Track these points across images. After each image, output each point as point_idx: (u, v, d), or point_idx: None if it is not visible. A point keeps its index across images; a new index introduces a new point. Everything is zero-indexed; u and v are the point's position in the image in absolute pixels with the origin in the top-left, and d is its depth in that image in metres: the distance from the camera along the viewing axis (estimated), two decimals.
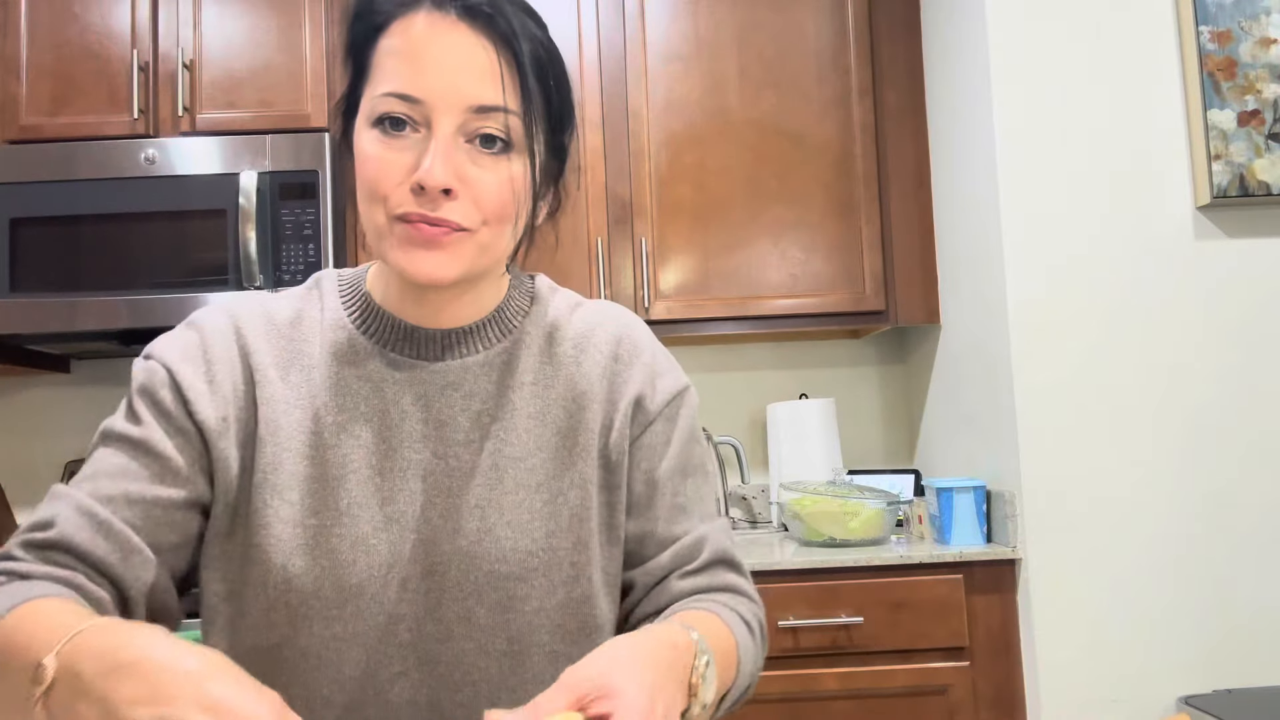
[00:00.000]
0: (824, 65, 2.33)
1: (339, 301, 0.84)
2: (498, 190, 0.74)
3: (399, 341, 0.82)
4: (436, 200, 0.72)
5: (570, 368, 0.86)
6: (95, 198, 2.14)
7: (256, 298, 0.85)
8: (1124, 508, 1.87)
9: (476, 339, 0.84)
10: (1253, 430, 1.89)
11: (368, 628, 0.77)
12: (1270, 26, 1.91)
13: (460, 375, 0.82)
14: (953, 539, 1.96)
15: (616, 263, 2.29)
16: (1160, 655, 1.85)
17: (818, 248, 2.30)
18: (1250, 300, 1.91)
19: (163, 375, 0.78)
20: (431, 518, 0.79)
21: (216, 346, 0.80)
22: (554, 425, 0.84)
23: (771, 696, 1.88)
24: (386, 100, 0.73)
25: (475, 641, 0.79)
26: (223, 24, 2.27)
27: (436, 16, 0.73)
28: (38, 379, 2.54)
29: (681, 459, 0.88)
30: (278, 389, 0.80)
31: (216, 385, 0.79)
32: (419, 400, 0.81)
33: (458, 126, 0.73)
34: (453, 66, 0.72)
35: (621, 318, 0.90)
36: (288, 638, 0.76)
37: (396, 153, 0.73)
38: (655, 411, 0.87)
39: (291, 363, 0.81)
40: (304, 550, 0.76)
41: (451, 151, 0.72)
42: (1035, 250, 1.92)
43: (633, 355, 0.88)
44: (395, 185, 0.73)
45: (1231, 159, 1.88)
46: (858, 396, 2.61)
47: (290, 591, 0.76)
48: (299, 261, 2.14)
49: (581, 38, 2.33)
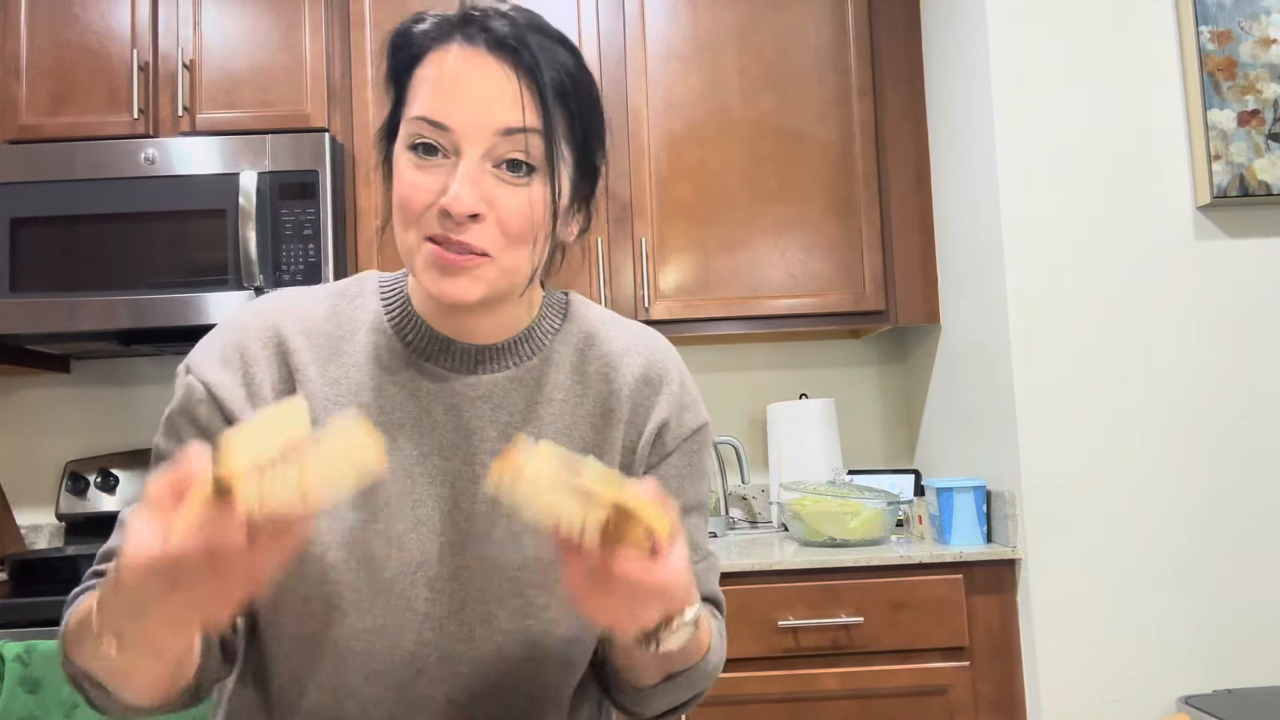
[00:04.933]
0: (824, 65, 2.33)
1: (380, 304, 0.87)
2: (521, 213, 0.76)
3: (435, 353, 0.85)
4: (463, 225, 0.75)
5: (599, 386, 0.88)
6: (95, 198, 2.14)
7: (292, 293, 0.88)
8: (1124, 508, 1.87)
9: (508, 356, 0.86)
10: (1253, 430, 1.89)
11: (396, 623, 0.80)
12: (1270, 26, 1.91)
13: (490, 389, 0.85)
14: (953, 539, 1.96)
15: (616, 263, 2.29)
16: (1160, 655, 1.85)
17: (818, 247, 2.30)
18: (1250, 300, 1.91)
19: (200, 391, 0.81)
20: (458, 522, 0.82)
21: (253, 346, 0.83)
22: (580, 441, 0.87)
23: (771, 696, 1.88)
24: (418, 124, 0.76)
25: (494, 644, 0.82)
26: (223, 24, 2.27)
27: (468, 50, 0.77)
28: (38, 379, 2.54)
29: (690, 496, 0.91)
30: (318, 386, 0.82)
31: (255, 388, 0.81)
32: (450, 411, 0.84)
33: (485, 152, 0.75)
34: (480, 95, 0.76)
35: (654, 342, 0.93)
36: (323, 628, 0.79)
37: (428, 176, 0.76)
38: (674, 445, 0.90)
39: (330, 360, 0.84)
40: (342, 543, 0.79)
41: (478, 177, 0.75)
42: (1035, 250, 1.92)
43: (661, 381, 0.90)
44: (424, 207, 0.76)
45: (1231, 159, 1.88)
46: (858, 396, 2.61)
47: (327, 582, 0.78)
48: (299, 261, 2.14)
49: (581, 38, 2.33)
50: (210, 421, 0.80)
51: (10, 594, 1.89)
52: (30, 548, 2.45)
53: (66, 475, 2.41)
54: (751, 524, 2.54)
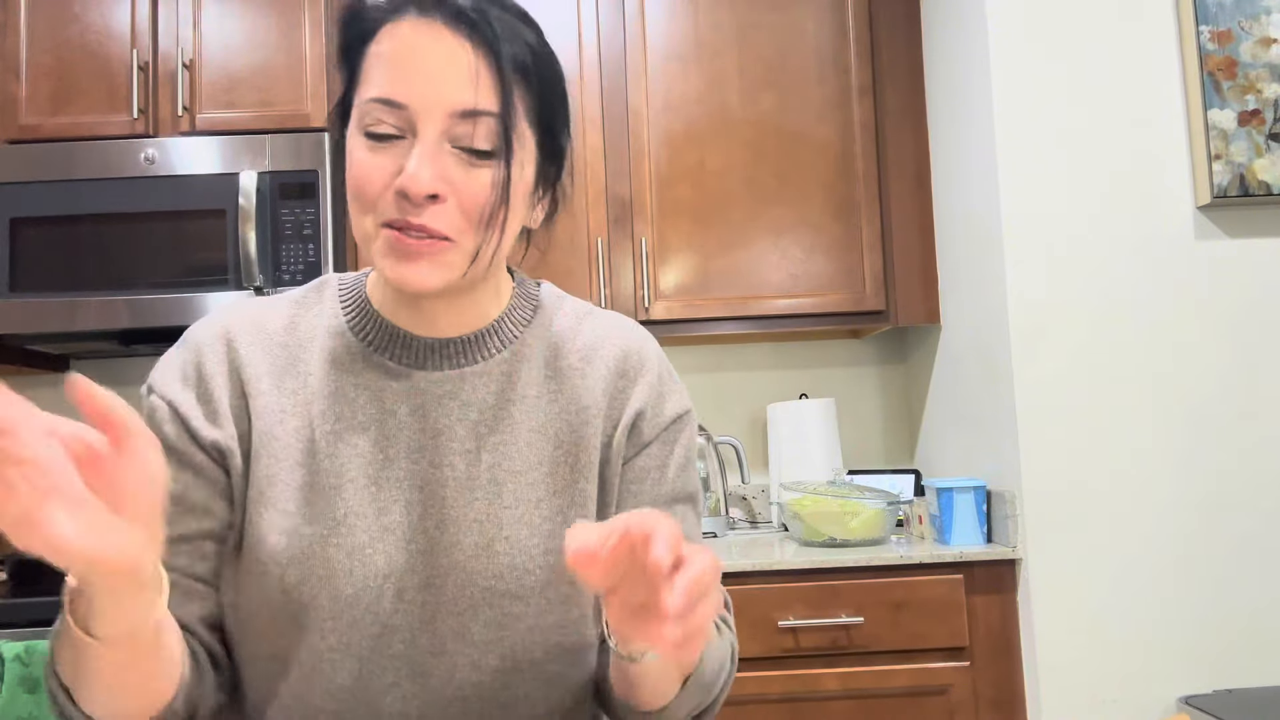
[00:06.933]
0: (824, 65, 2.33)
1: (339, 307, 0.83)
2: (483, 194, 0.73)
3: (397, 350, 0.81)
4: (421, 206, 0.71)
5: (575, 380, 0.84)
6: (95, 197, 2.14)
7: (251, 305, 0.84)
8: (1124, 507, 1.87)
9: (476, 349, 0.82)
10: (1253, 430, 1.89)
11: (362, 638, 0.76)
12: (1270, 26, 1.91)
13: (458, 385, 0.81)
14: (953, 539, 1.96)
15: (616, 263, 2.29)
16: (1160, 655, 1.85)
17: (818, 247, 2.30)
18: (1250, 300, 1.91)
19: (164, 410, 0.78)
20: (428, 529, 0.78)
21: (209, 362, 0.79)
22: (555, 440, 0.82)
23: (771, 696, 1.88)
24: (372, 106, 0.72)
25: (468, 657, 0.78)
26: (222, 24, 2.27)
27: (422, 23, 0.72)
28: (38, 379, 2.53)
29: (676, 487, 0.86)
30: (271, 399, 0.79)
31: (215, 404, 0.78)
32: (416, 410, 0.80)
33: (442, 131, 0.71)
34: (435, 71, 0.71)
35: (631, 331, 0.88)
36: (287, 647, 0.76)
37: (382, 158, 0.72)
38: (653, 434, 0.85)
39: (286, 371, 0.80)
40: (300, 561, 0.75)
41: (437, 156, 0.71)
42: (1035, 250, 1.92)
43: (639, 371, 0.86)
44: (380, 191, 0.72)
45: (1231, 159, 1.88)
46: (858, 396, 2.61)
47: (289, 602, 0.75)
48: (299, 261, 2.14)
49: (581, 38, 2.33)
50: (178, 440, 0.77)
51: (10, 594, 1.89)
52: None
53: None
54: (751, 524, 2.54)
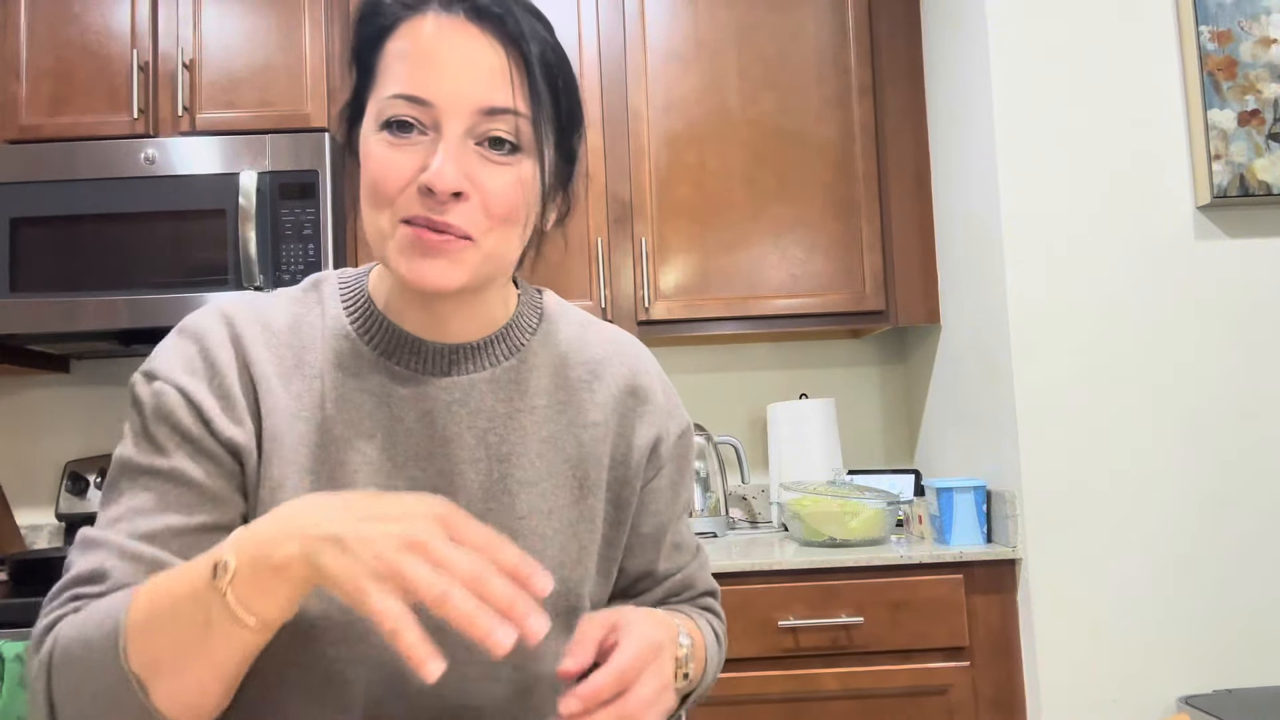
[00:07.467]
0: (824, 65, 2.33)
1: (340, 307, 0.81)
2: (507, 193, 0.72)
3: (404, 354, 0.79)
4: (445, 204, 0.70)
5: (583, 394, 0.84)
6: (95, 198, 2.14)
7: (249, 301, 0.81)
8: (1124, 508, 1.87)
9: (484, 355, 0.81)
10: (1253, 430, 1.89)
11: (373, 649, 0.75)
12: (1270, 26, 1.91)
13: (467, 392, 0.80)
14: (953, 539, 1.96)
15: (616, 263, 2.29)
16: (1160, 655, 1.85)
17: (818, 247, 2.30)
18: (1250, 300, 1.91)
19: (176, 397, 0.74)
20: None
21: (220, 356, 0.76)
22: (564, 453, 0.82)
23: (771, 696, 1.88)
24: (394, 103, 0.71)
25: (480, 667, 0.77)
26: (223, 24, 2.27)
27: (445, 18, 0.71)
28: (38, 379, 2.54)
29: (684, 501, 0.92)
30: (281, 399, 0.76)
31: (231, 399, 0.75)
32: (424, 417, 0.78)
33: (467, 129, 0.70)
34: (462, 68, 0.70)
35: (633, 348, 0.90)
36: (296, 659, 0.74)
37: (404, 155, 0.71)
38: (667, 456, 0.88)
39: (293, 372, 0.78)
40: None
41: (461, 154, 0.70)
42: (1035, 250, 1.92)
43: (648, 393, 0.88)
44: (402, 188, 0.70)
45: (1231, 159, 1.88)
46: (858, 396, 2.61)
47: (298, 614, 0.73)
48: (299, 261, 2.14)
49: (581, 37, 2.33)
50: (194, 427, 0.73)
51: (10, 594, 1.89)
52: (30, 548, 2.45)
53: (66, 475, 2.41)
54: (751, 524, 2.54)
